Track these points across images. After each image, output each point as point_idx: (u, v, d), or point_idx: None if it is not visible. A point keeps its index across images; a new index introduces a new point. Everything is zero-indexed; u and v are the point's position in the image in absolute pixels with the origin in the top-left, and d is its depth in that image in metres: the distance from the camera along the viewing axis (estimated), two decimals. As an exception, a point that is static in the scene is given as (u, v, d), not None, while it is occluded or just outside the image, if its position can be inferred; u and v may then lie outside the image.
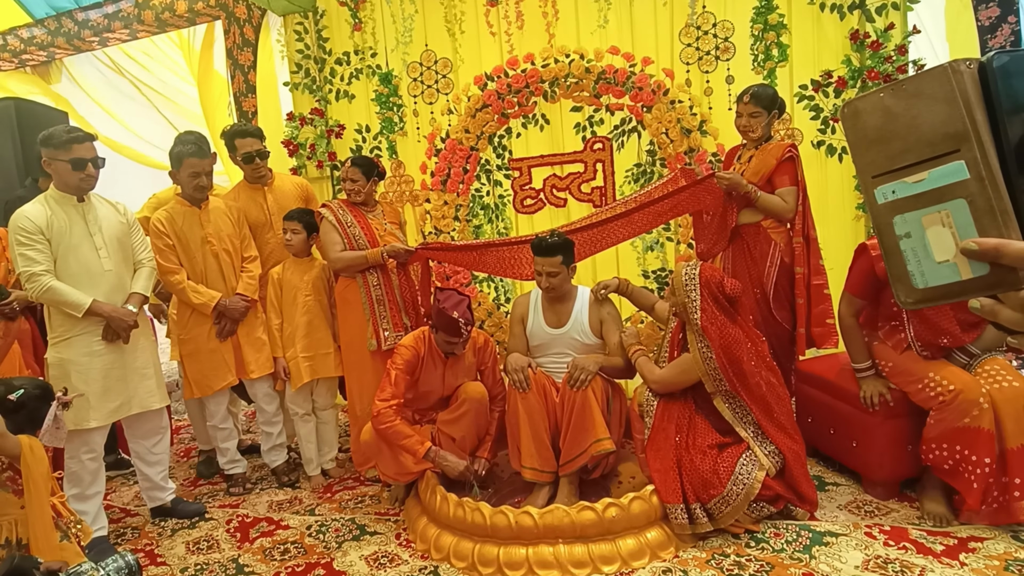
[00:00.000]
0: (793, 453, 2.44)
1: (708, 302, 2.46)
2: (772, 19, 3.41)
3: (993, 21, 3.27)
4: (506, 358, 2.79)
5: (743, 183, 2.85)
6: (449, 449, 2.74)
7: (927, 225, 0.61)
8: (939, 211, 0.60)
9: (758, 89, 2.93)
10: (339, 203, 3.16)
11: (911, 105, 0.61)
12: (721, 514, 2.33)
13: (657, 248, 3.77)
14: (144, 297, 2.77)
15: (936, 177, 0.60)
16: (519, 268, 3.07)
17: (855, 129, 0.65)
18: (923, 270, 0.62)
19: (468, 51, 3.88)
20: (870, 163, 0.64)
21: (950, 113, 0.58)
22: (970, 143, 0.57)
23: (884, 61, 3.26)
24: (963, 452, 2.28)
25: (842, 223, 3.50)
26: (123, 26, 4.77)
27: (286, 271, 3.18)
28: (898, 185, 0.62)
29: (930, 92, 0.59)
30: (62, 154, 2.53)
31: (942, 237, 0.60)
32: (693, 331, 2.48)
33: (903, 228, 0.62)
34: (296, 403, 3.19)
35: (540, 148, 3.82)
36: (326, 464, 3.29)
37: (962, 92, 0.57)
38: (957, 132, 0.58)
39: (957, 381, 2.33)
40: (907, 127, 0.61)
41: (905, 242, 0.62)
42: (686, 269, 2.54)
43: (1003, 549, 2.15)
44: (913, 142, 0.61)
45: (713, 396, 2.48)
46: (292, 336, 3.13)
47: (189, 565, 2.52)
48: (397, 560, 2.43)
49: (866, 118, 0.64)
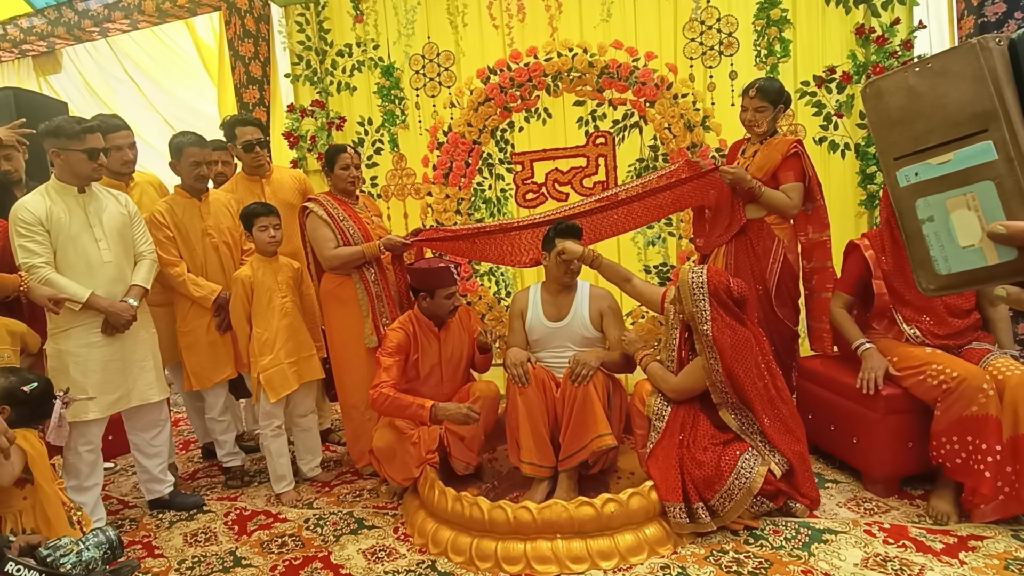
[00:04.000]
0: (799, 456, 2.42)
1: (718, 311, 2.41)
2: (776, 14, 3.38)
3: (1000, 17, 3.25)
4: (505, 353, 2.78)
5: (747, 178, 2.83)
6: (457, 448, 2.73)
7: (952, 208, 0.58)
8: (965, 194, 0.57)
9: (764, 83, 2.90)
10: (325, 197, 3.08)
11: (937, 84, 0.58)
12: (724, 510, 2.32)
13: (659, 243, 3.75)
14: (144, 290, 2.75)
15: (962, 158, 0.57)
16: (518, 255, 3.06)
17: (877, 109, 0.62)
18: (947, 255, 0.59)
19: (470, 44, 3.86)
20: (892, 144, 0.62)
21: (978, 91, 0.55)
22: (999, 123, 0.54)
23: (889, 56, 3.24)
24: (974, 442, 2.26)
25: (844, 220, 3.48)
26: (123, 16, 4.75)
27: (256, 272, 2.91)
28: (922, 167, 0.60)
29: (957, 70, 0.56)
30: (75, 144, 2.52)
31: (967, 221, 0.57)
32: (702, 340, 2.43)
33: (926, 212, 0.60)
34: (272, 415, 2.92)
35: (542, 142, 3.80)
36: (311, 472, 3.15)
37: (991, 70, 0.55)
38: (985, 111, 0.55)
39: (960, 368, 2.32)
40: (932, 107, 0.58)
41: (928, 226, 0.60)
42: (692, 277, 2.46)
43: (1003, 548, 2.14)
44: (938, 122, 0.58)
45: (719, 407, 2.46)
46: (270, 342, 2.87)
47: (187, 557, 2.52)
48: (395, 554, 2.43)
49: (889, 98, 0.61)
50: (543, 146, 3.79)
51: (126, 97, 5.81)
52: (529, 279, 3.86)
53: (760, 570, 2.12)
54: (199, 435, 3.58)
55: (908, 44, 3.24)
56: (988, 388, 2.25)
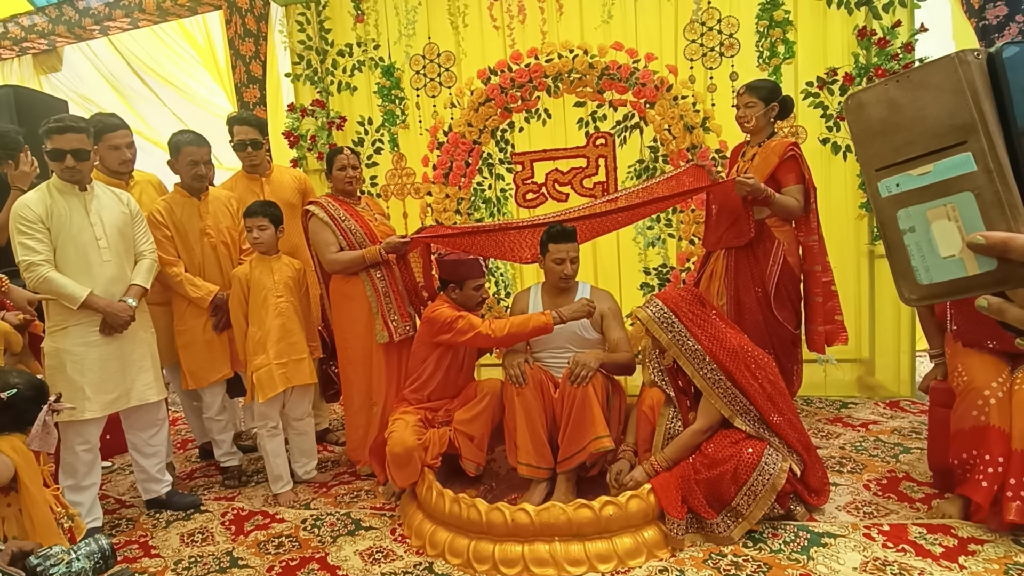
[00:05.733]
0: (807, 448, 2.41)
1: (693, 325, 2.42)
2: (778, 15, 3.38)
3: (1001, 20, 3.24)
4: (503, 354, 2.77)
5: (762, 188, 2.77)
6: (468, 450, 2.70)
7: (932, 219, 0.59)
8: (945, 204, 0.58)
9: (755, 81, 2.96)
10: (327, 199, 3.08)
11: (917, 96, 0.59)
12: (748, 510, 2.26)
13: (659, 244, 3.75)
14: (144, 289, 2.74)
15: (942, 169, 0.58)
16: (518, 252, 3.06)
17: (859, 121, 0.64)
18: (928, 265, 0.60)
19: (471, 45, 3.86)
20: (874, 155, 0.63)
21: (957, 104, 0.56)
22: (977, 134, 0.56)
23: (891, 59, 3.23)
24: (971, 452, 2.23)
25: (845, 222, 3.48)
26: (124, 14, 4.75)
27: (254, 270, 2.90)
28: (903, 178, 0.60)
29: (936, 83, 0.58)
30: (46, 144, 2.51)
31: (948, 231, 0.58)
32: (693, 363, 2.40)
33: (907, 222, 0.61)
34: (266, 416, 2.90)
35: (543, 143, 3.80)
36: (307, 475, 3.10)
37: (969, 83, 0.56)
38: (964, 123, 0.56)
39: (974, 372, 2.27)
40: (912, 118, 0.59)
41: (909, 236, 0.61)
42: (650, 312, 2.47)
43: (1003, 552, 2.13)
44: (919, 134, 0.59)
45: (732, 418, 2.43)
46: (262, 342, 2.85)
47: (183, 557, 2.51)
48: (392, 556, 2.42)
49: (870, 110, 0.62)
50: (543, 147, 3.79)
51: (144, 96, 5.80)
52: (529, 279, 3.86)
53: (758, 574, 2.11)
54: (196, 435, 3.57)
55: (909, 47, 3.23)
56: (990, 396, 2.20)
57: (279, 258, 2.97)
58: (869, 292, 3.56)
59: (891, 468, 2.79)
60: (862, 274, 3.55)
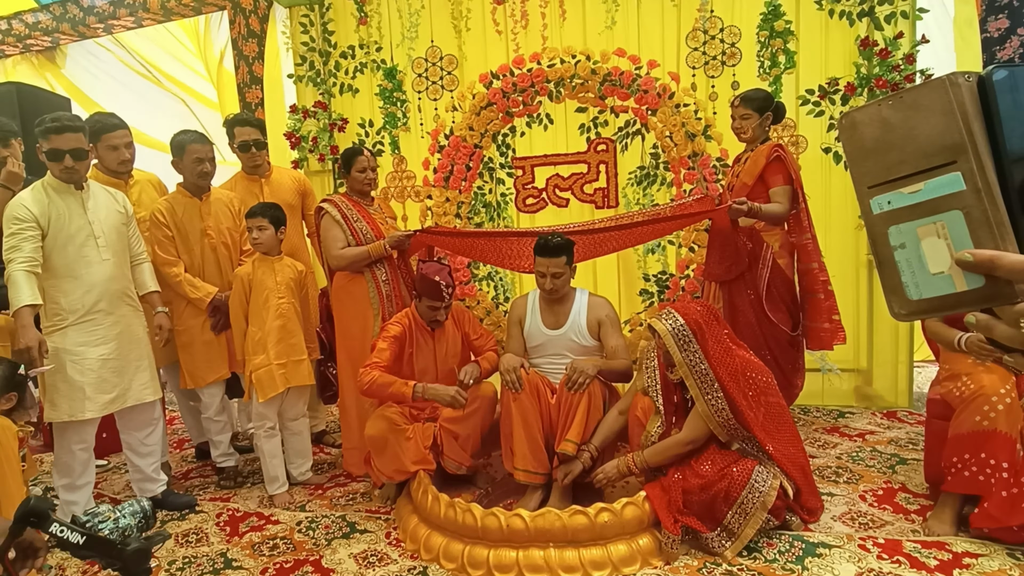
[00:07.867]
0: (801, 470, 2.40)
1: (709, 347, 2.36)
2: (779, 26, 3.39)
3: (1002, 33, 3.25)
4: (500, 358, 2.77)
5: (753, 206, 2.80)
6: (451, 447, 2.72)
7: (922, 236, 0.61)
8: (934, 222, 0.60)
9: (749, 92, 3.02)
10: (341, 198, 3.11)
11: (908, 116, 0.61)
12: (741, 530, 2.25)
13: (658, 251, 3.75)
14: (159, 292, 2.86)
15: (932, 188, 0.59)
16: (519, 260, 3.06)
17: (852, 140, 0.65)
18: (917, 281, 0.62)
19: (473, 48, 3.86)
20: (866, 173, 0.64)
21: (947, 125, 0.58)
22: (967, 155, 0.57)
23: (892, 70, 3.24)
24: (984, 458, 2.19)
25: (845, 232, 3.49)
26: (128, 13, 4.76)
27: (256, 270, 2.90)
28: (894, 195, 0.62)
29: (928, 104, 0.59)
30: (43, 144, 2.51)
31: (937, 248, 0.60)
32: (701, 386, 2.37)
33: (898, 239, 0.62)
34: (264, 416, 2.90)
35: (544, 148, 3.81)
36: (302, 476, 3.10)
37: (960, 105, 0.57)
38: (954, 144, 0.58)
39: (982, 380, 2.25)
40: (904, 138, 0.61)
41: (900, 253, 0.62)
42: (668, 325, 2.38)
43: (997, 566, 2.13)
44: (910, 153, 0.61)
45: (729, 444, 2.43)
46: (262, 342, 2.85)
47: (177, 558, 2.50)
48: (386, 559, 2.41)
49: (863, 129, 0.64)
50: (544, 151, 3.80)
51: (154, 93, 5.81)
52: (528, 285, 3.86)
53: (753, 583, 2.11)
54: (192, 435, 3.56)
55: (911, 58, 3.24)
56: (998, 402, 2.18)
57: (281, 259, 2.98)
58: (868, 302, 3.56)
59: (887, 479, 2.79)
60: (861, 284, 3.56)
